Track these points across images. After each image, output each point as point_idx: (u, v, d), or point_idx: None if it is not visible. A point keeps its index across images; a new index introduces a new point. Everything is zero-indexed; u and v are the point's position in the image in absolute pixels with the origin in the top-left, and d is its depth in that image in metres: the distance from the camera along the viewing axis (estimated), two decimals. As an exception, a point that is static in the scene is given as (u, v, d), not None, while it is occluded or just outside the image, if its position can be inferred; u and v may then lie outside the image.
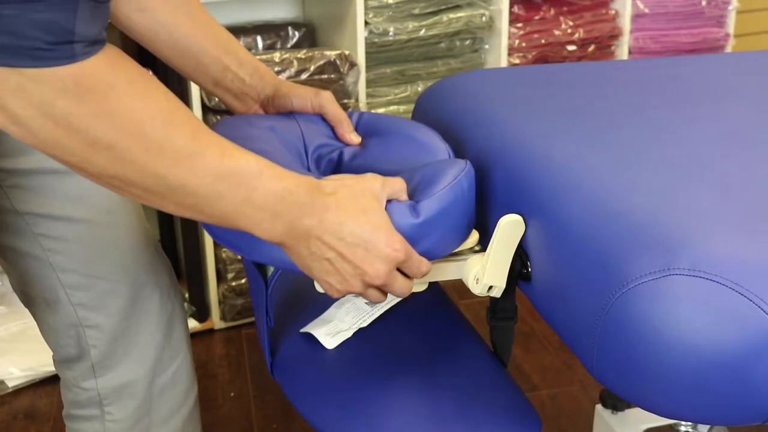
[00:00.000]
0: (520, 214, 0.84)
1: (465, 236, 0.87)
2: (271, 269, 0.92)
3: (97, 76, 0.65)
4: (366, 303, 1.01)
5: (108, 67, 0.66)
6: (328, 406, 0.91)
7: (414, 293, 1.03)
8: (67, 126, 0.65)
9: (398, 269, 0.80)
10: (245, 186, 0.73)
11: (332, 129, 0.98)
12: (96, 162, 0.68)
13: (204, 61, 0.97)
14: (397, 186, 0.81)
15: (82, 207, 0.99)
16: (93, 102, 0.65)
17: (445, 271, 0.89)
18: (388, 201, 0.80)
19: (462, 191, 0.84)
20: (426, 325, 1.02)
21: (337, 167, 0.94)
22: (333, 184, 0.78)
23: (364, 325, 0.99)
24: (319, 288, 0.83)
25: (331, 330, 0.98)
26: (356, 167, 0.93)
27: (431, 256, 0.82)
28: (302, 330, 1.00)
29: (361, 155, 0.94)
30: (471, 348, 0.98)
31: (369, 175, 0.81)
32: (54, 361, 1.08)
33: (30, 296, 1.04)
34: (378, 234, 0.77)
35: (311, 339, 0.98)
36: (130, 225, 1.03)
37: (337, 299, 1.03)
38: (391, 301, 1.02)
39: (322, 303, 1.03)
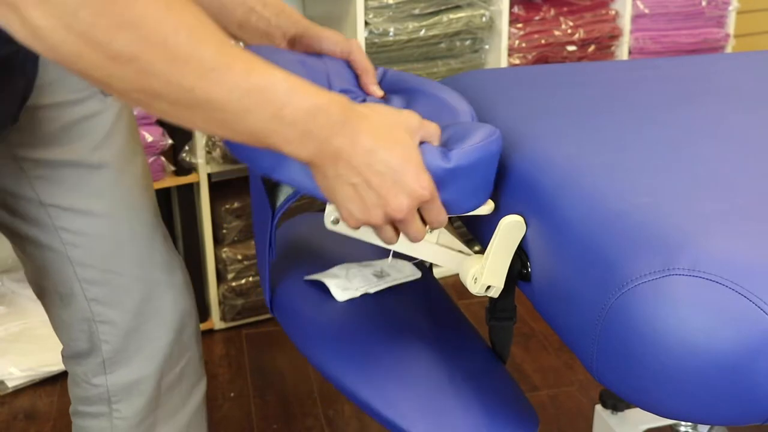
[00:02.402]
0: (520, 215, 0.84)
1: (483, 200, 0.86)
2: (281, 199, 0.90)
3: None
4: (373, 274, 1.01)
5: None
6: (326, 346, 0.91)
7: (412, 285, 1.03)
8: (90, 38, 0.63)
9: (418, 212, 0.79)
10: (274, 102, 0.70)
11: (356, 78, 0.96)
12: (121, 75, 0.66)
13: (228, 6, 0.95)
14: (433, 129, 0.80)
15: (104, 202, 0.99)
16: (116, 12, 0.63)
17: (448, 258, 0.89)
18: (421, 142, 0.79)
19: (491, 153, 0.83)
20: (426, 321, 1.02)
21: None
22: (367, 109, 0.76)
23: (371, 291, 0.98)
24: (329, 225, 0.82)
25: (341, 284, 0.98)
26: None
27: (450, 209, 0.81)
28: (310, 277, 0.99)
29: None
30: (470, 343, 0.98)
31: (407, 111, 0.79)
32: (63, 356, 1.08)
33: (44, 288, 1.04)
34: (408, 167, 0.75)
35: (315, 287, 0.97)
36: (148, 221, 1.04)
37: (340, 262, 1.02)
38: (396, 280, 1.02)
39: (326, 262, 1.03)
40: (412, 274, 1.05)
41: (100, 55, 0.64)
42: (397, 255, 1.05)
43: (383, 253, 1.06)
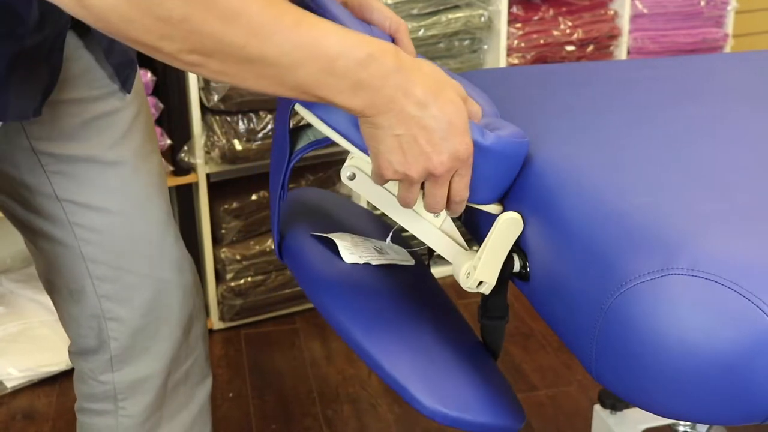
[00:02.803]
0: (520, 214, 0.85)
1: (495, 197, 0.86)
2: (302, 144, 0.90)
3: None
4: (374, 248, 1.01)
5: None
6: (336, 298, 0.91)
7: (409, 269, 1.04)
8: (140, 2, 0.64)
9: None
10: (326, 54, 0.69)
11: None
12: (172, 37, 0.66)
13: None
14: (476, 108, 0.80)
15: (119, 199, 1.00)
16: None
17: (446, 245, 0.89)
18: None
19: (520, 152, 0.84)
20: (423, 302, 1.02)
21: None
22: (422, 63, 0.75)
23: (372, 263, 0.99)
24: (345, 179, 0.82)
25: (348, 248, 0.99)
26: None
27: (469, 191, 0.82)
28: (319, 233, 1.00)
29: None
30: (463, 334, 0.98)
31: (455, 80, 0.78)
32: (70, 352, 1.09)
33: (54, 284, 1.05)
34: (457, 126, 0.75)
35: (323, 243, 0.98)
36: (160, 220, 1.04)
37: (345, 230, 1.03)
38: (393, 260, 1.02)
39: (331, 225, 1.03)
40: (407, 259, 1.06)
41: (150, 18, 0.64)
42: (395, 240, 1.06)
43: (382, 236, 1.08)
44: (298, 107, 0.84)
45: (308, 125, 0.89)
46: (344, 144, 0.82)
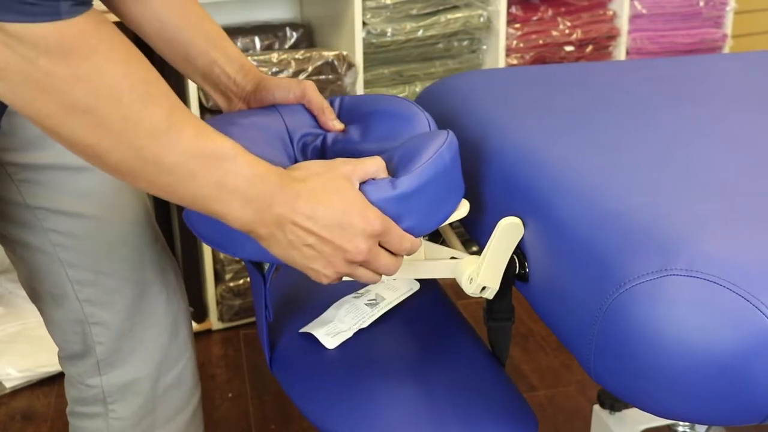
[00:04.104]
0: (518, 215, 0.84)
1: (452, 209, 0.85)
2: (267, 264, 0.91)
3: (82, 36, 0.65)
4: (366, 304, 1.01)
5: (93, 29, 0.66)
6: (325, 402, 0.91)
7: (413, 293, 1.03)
8: (47, 86, 0.65)
9: (382, 246, 0.79)
10: (218, 168, 0.72)
11: (315, 118, 0.97)
12: (72, 127, 0.67)
13: (192, 53, 0.96)
14: (371, 168, 0.80)
15: (92, 203, 0.99)
16: (74, 63, 0.65)
17: (442, 268, 0.89)
18: (364, 182, 0.79)
19: (444, 164, 0.82)
20: (426, 325, 1.02)
21: (322, 153, 0.94)
22: (303, 173, 0.77)
23: (364, 326, 0.99)
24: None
25: (331, 330, 0.98)
26: (339, 151, 0.92)
27: (417, 231, 0.81)
28: (302, 330, 1.00)
29: (343, 139, 0.94)
30: (469, 348, 0.98)
31: (339, 160, 0.80)
32: (59, 357, 1.08)
33: (37, 291, 1.04)
34: (351, 211, 0.76)
35: (311, 337, 0.98)
36: (139, 222, 1.03)
37: (335, 300, 1.02)
38: (391, 303, 1.02)
39: (321, 303, 1.03)
40: (408, 289, 1.05)
41: (55, 103, 0.66)
42: None
43: None
44: None
45: None
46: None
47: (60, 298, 1.02)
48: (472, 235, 0.96)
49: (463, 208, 0.86)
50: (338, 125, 0.96)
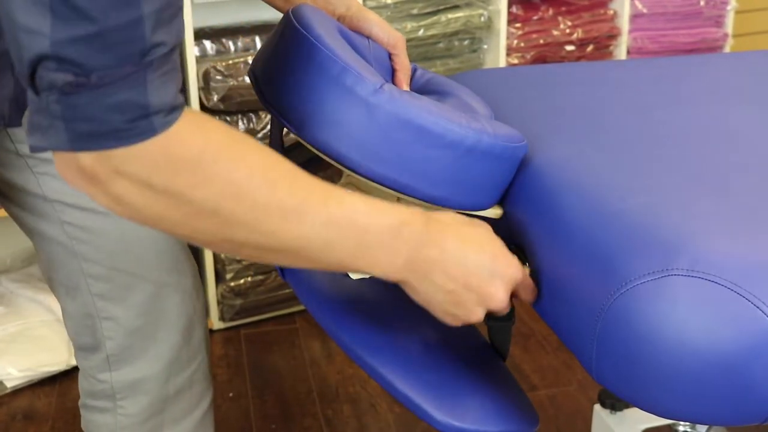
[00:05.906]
0: (518, 215, 0.85)
1: (496, 199, 0.87)
2: (296, 162, 0.92)
3: (185, 143, 0.64)
4: None
5: (193, 132, 0.65)
6: (341, 316, 0.91)
7: None
8: (169, 199, 0.65)
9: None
10: (356, 228, 0.71)
11: (393, 71, 0.98)
12: (204, 229, 0.67)
13: None
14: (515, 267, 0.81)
15: None
16: (188, 171, 0.64)
17: None
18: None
19: (516, 157, 0.85)
20: (431, 321, 1.02)
21: None
22: (446, 216, 0.78)
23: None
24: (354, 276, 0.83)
25: None
26: None
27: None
28: None
29: None
30: (473, 339, 0.98)
31: (476, 220, 0.81)
32: (74, 349, 1.10)
33: (53, 280, 1.06)
34: (499, 257, 0.77)
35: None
36: None
37: None
38: None
39: None
40: None
41: (181, 213, 0.66)
42: None
43: None
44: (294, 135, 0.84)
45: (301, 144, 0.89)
46: (339, 166, 0.82)
47: (72, 290, 1.03)
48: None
49: (496, 209, 0.89)
50: (407, 89, 0.96)
